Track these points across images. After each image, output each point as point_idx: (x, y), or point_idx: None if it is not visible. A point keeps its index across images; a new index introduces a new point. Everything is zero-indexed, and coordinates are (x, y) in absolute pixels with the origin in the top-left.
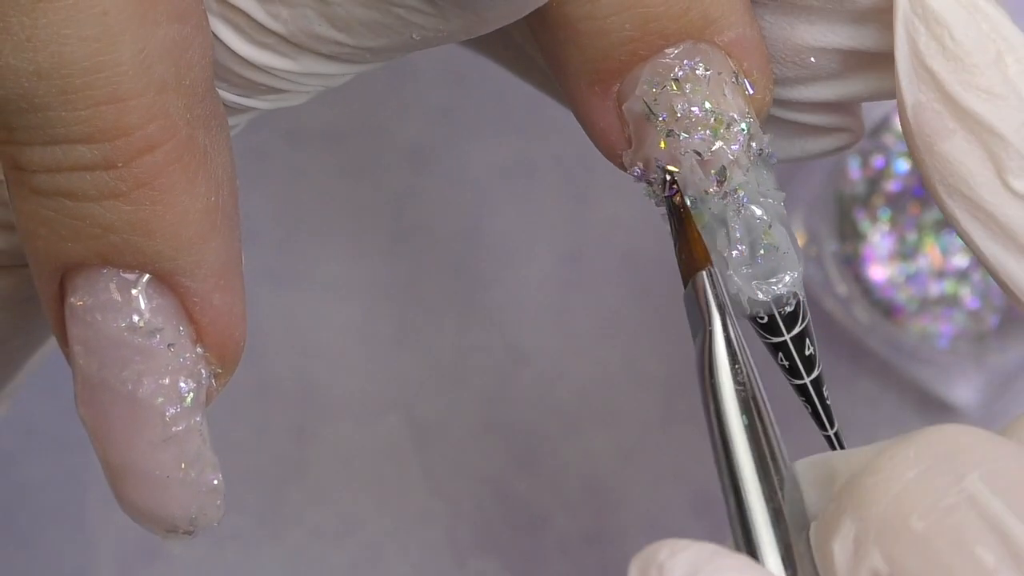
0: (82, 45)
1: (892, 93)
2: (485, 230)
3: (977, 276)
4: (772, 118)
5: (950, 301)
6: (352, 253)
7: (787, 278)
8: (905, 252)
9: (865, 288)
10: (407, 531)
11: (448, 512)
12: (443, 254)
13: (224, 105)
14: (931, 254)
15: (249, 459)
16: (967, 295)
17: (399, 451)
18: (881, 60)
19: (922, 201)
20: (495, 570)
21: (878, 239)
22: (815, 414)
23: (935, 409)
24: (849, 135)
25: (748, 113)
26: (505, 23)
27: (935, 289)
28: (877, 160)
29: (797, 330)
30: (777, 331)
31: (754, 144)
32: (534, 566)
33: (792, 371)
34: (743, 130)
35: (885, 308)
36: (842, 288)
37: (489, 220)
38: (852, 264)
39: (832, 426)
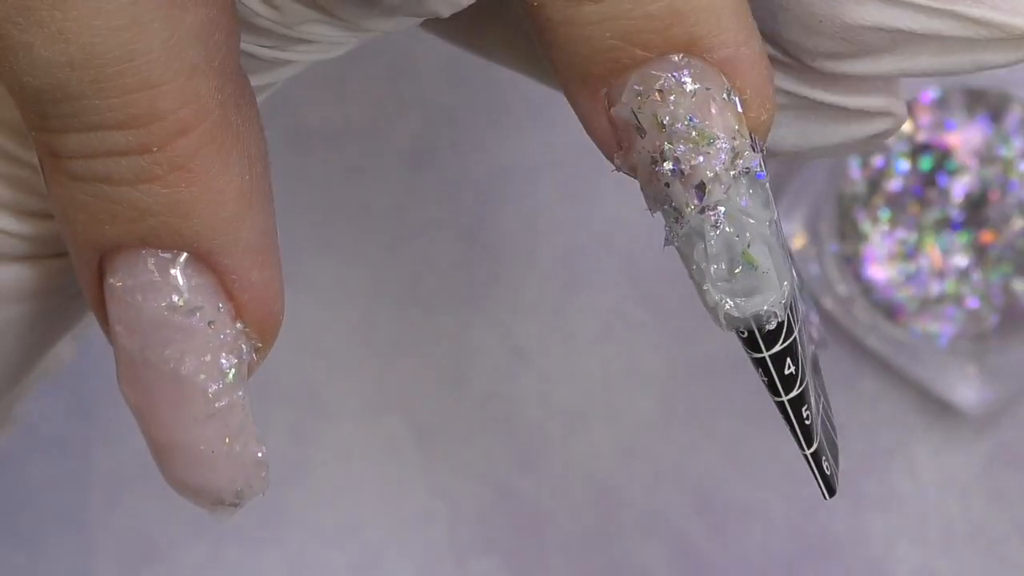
0: (113, 35)
1: (930, 71)
2: (485, 230)
3: (977, 276)
4: (814, 104)
5: (950, 301)
6: (352, 252)
7: (768, 298)
8: (905, 252)
9: (865, 288)
10: (407, 531)
11: (448, 512)
12: (443, 254)
13: (262, 60)
14: (931, 254)
15: None
16: (967, 295)
17: (399, 451)
18: (917, 39)
19: (922, 201)
20: (495, 570)
21: (878, 239)
22: (793, 432)
23: (935, 409)
24: (892, 119)
25: (738, 131)
26: (412, 22)
27: (935, 289)
28: (877, 160)
29: (777, 349)
30: (757, 347)
31: (740, 162)
32: (534, 566)
33: (771, 387)
34: (726, 148)
35: (885, 308)
36: (842, 288)
37: (489, 220)
38: (852, 264)
39: (809, 446)
